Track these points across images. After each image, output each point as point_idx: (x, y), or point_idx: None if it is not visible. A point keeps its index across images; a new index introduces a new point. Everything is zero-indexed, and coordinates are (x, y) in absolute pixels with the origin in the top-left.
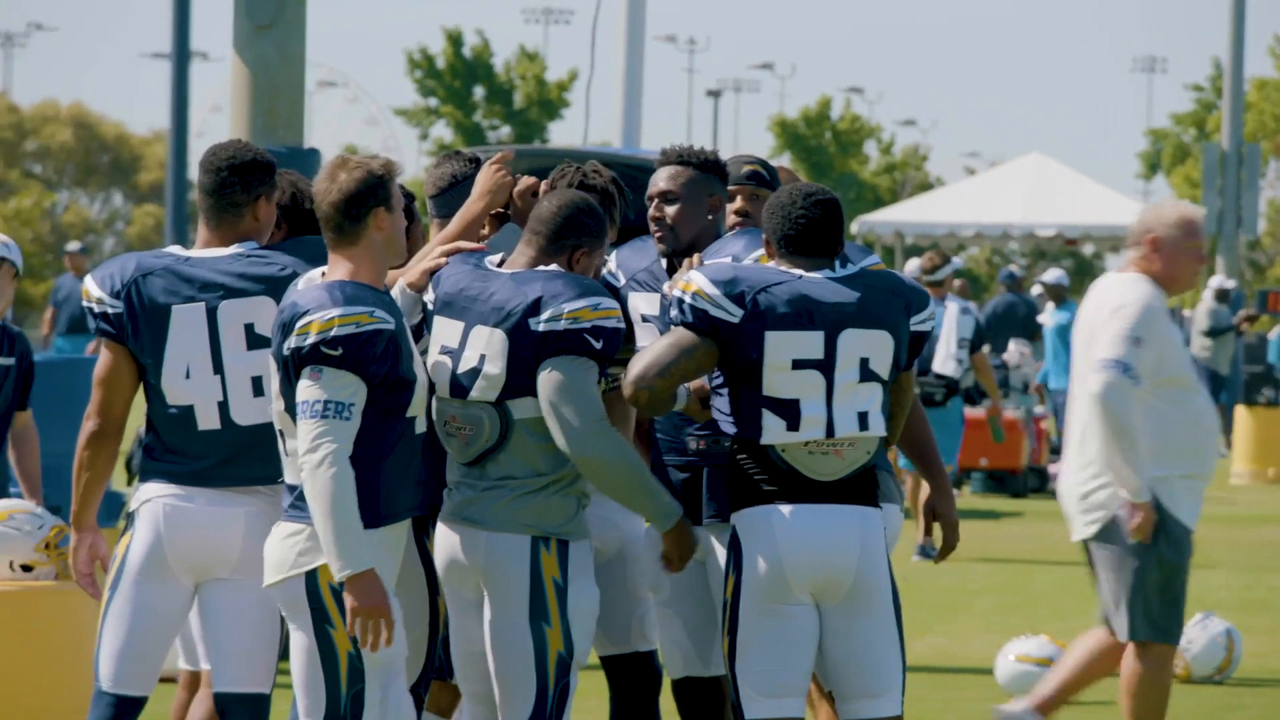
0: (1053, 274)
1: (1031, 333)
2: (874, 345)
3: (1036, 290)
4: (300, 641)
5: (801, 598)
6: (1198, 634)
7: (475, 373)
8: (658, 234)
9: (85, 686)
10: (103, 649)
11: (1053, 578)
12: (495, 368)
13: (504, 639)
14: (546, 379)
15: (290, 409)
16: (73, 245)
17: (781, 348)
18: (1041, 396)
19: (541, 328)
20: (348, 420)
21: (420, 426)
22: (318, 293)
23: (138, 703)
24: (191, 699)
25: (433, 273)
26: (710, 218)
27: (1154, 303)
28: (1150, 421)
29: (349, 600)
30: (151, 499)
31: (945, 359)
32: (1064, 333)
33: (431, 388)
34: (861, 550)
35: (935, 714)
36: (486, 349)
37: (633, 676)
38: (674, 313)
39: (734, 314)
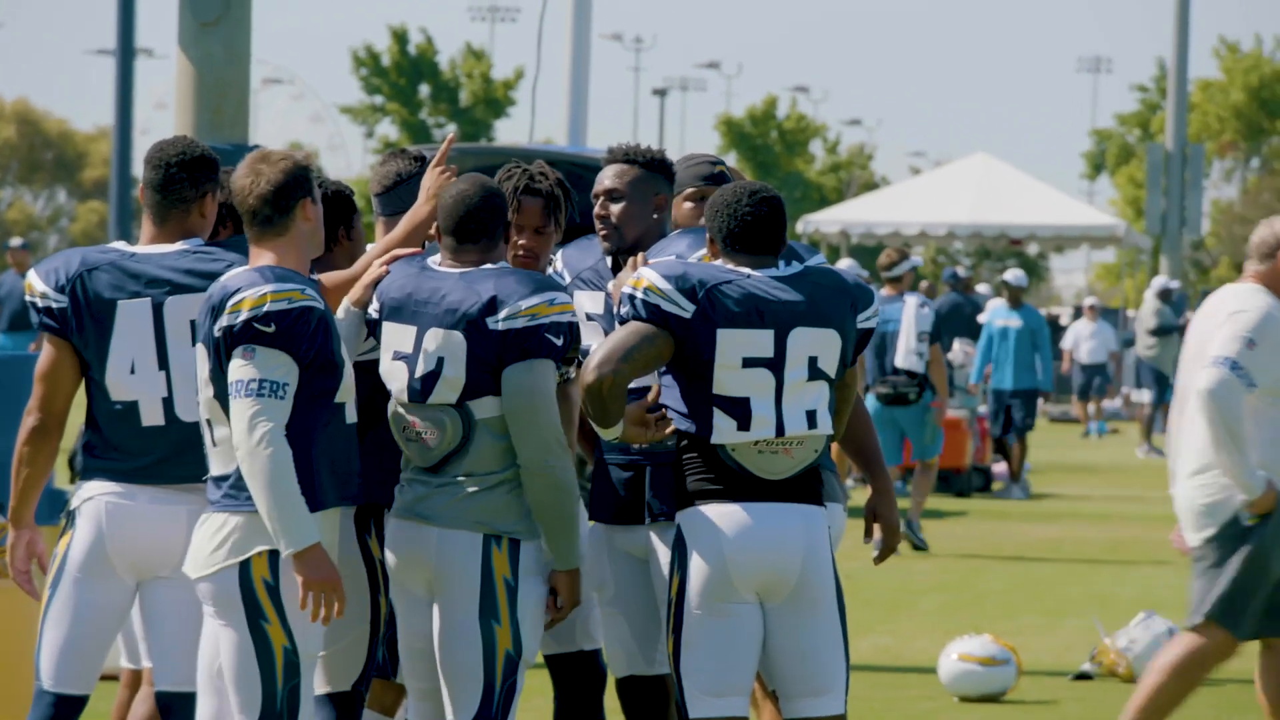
0: (1014, 274)
1: (976, 332)
2: (822, 343)
3: (984, 289)
4: (230, 638)
5: (746, 596)
6: (1140, 633)
7: (434, 376)
8: (603, 232)
9: (27, 685)
10: (43, 647)
11: (997, 577)
12: (454, 370)
13: (453, 636)
14: (514, 388)
15: (220, 395)
16: (15, 241)
17: (732, 346)
18: (983, 396)
19: (500, 326)
20: (282, 400)
21: (350, 416)
22: (247, 274)
23: (79, 701)
24: (133, 697)
25: (376, 283)
26: (655, 216)
27: (1274, 313)
28: (1261, 430)
29: (299, 575)
30: (93, 497)
31: (907, 354)
32: (1019, 336)
33: (384, 393)
34: (806, 549)
35: (878, 713)
36: (444, 351)
37: (577, 675)
38: (625, 309)
39: (686, 309)
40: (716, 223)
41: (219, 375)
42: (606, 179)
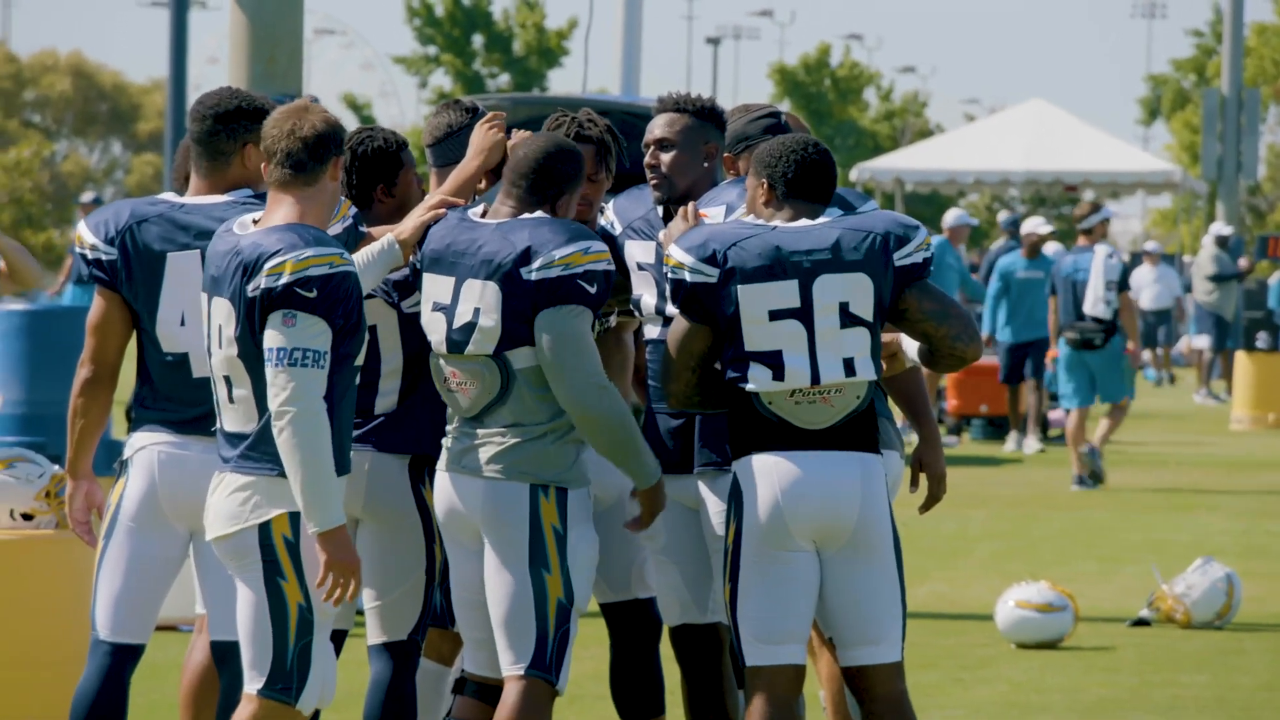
0: (1033, 221)
1: None
2: (852, 289)
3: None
4: (246, 595)
5: (802, 544)
6: (1198, 579)
7: (471, 327)
8: (653, 181)
9: (86, 635)
10: (99, 597)
11: (1052, 524)
12: (490, 320)
13: (504, 586)
14: (546, 333)
15: (245, 355)
16: (86, 196)
17: (755, 300)
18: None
19: (534, 276)
20: (321, 369)
21: (355, 378)
22: (284, 235)
23: (135, 650)
24: None
25: (428, 226)
26: (706, 165)
27: None
28: None
29: (324, 554)
30: (145, 446)
31: (1095, 302)
32: (1040, 286)
33: (425, 345)
34: (863, 497)
35: (935, 660)
36: (480, 302)
37: (633, 624)
38: (668, 291)
39: (711, 274)
40: (761, 173)
41: (246, 336)
42: (657, 128)
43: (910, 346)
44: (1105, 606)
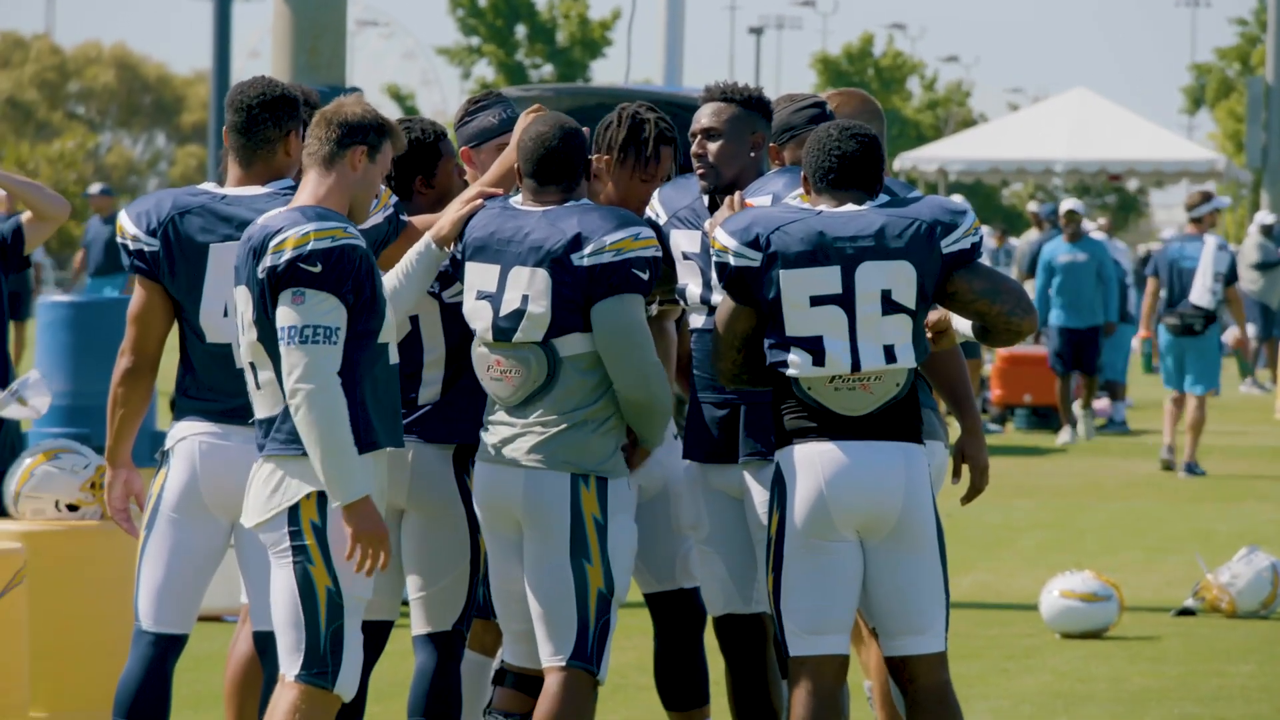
0: (1072, 202)
1: None
2: (895, 276)
3: (1087, 225)
4: (280, 581)
5: (846, 534)
6: (1243, 569)
7: (519, 314)
8: (700, 171)
9: (130, 625)
10: (141, 587)
11: (1097, 514)
12: (539, 307)
13: (544, 577)
14: (605, 323)
15: (264, 338)
16: (94, 187)
17: (797, 285)
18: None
19: (586, 262)
20: (335, 345)
21: (393, 357)
22: (287, 214)
23: (178, 640)
24: None
25: (466, 220)
26: (753, 155)
27: None
28: None
29: (349, 526)
30: (187, 436)
31: (1202, 291)
32: (1083, 270)
33: (467, 334)
34: (907, 486)
35: (980, 650)
36: (529, 289)
37: (677, 613)
38: (715, 277)
39: (754, 258)
40: (809, 161)
41: (263, 318)
42: (704, 117)
43: (962, 324)
44: (1150, 596)
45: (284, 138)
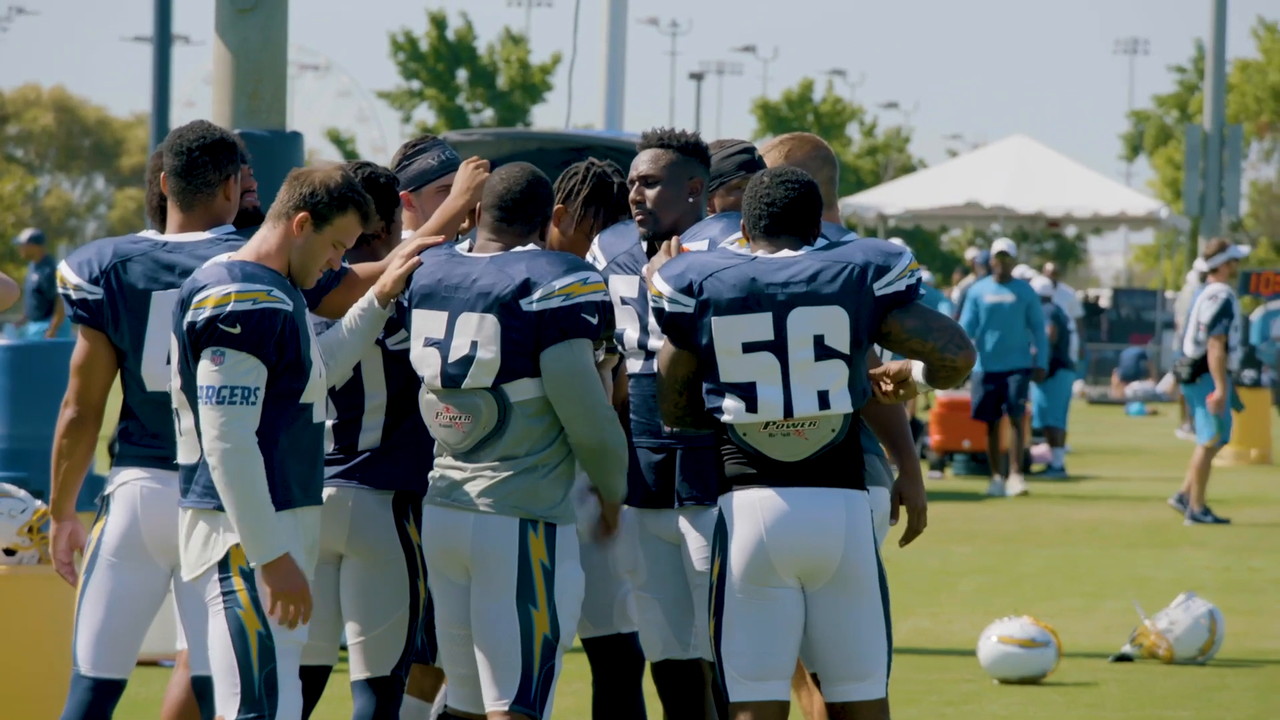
0: (1003, 243)
1: None
2: (827, 321)
3: (1023, 271)
4: (214, 628)
5: (787, 580)
6: (1181, 615)
7: (468, 360)
8: (639, 217)
9: (67, 670)
10: (80, 632)
11: (1036, 559)
12: (489, 353)
13: (490, 621)
14: (555, 369)
15: (186, 387)
16: (23, 235)
17: (729, 332)
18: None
19: (535, 307)
20: (253, 405)
21: (318, 415)
22: (216, 270)
23: (117, 685)
24: None
25: (408, 277)
26: (691, 201)
27: None
28: None
29: (267, 586)
30: (128, 482)
31: (1188, 342)
32: (1011, 311)
33: (417, 381)
34: (848, 533)
35: (918, 696)
36: (477, 335)
37: (615, 658)
38: (652, 322)
39: (688, 305)
40: (745, 209)
41: (186, 369)
42: (642, 164)
43: (918, 370)
44: (1088, 642)
45: (223, 182)
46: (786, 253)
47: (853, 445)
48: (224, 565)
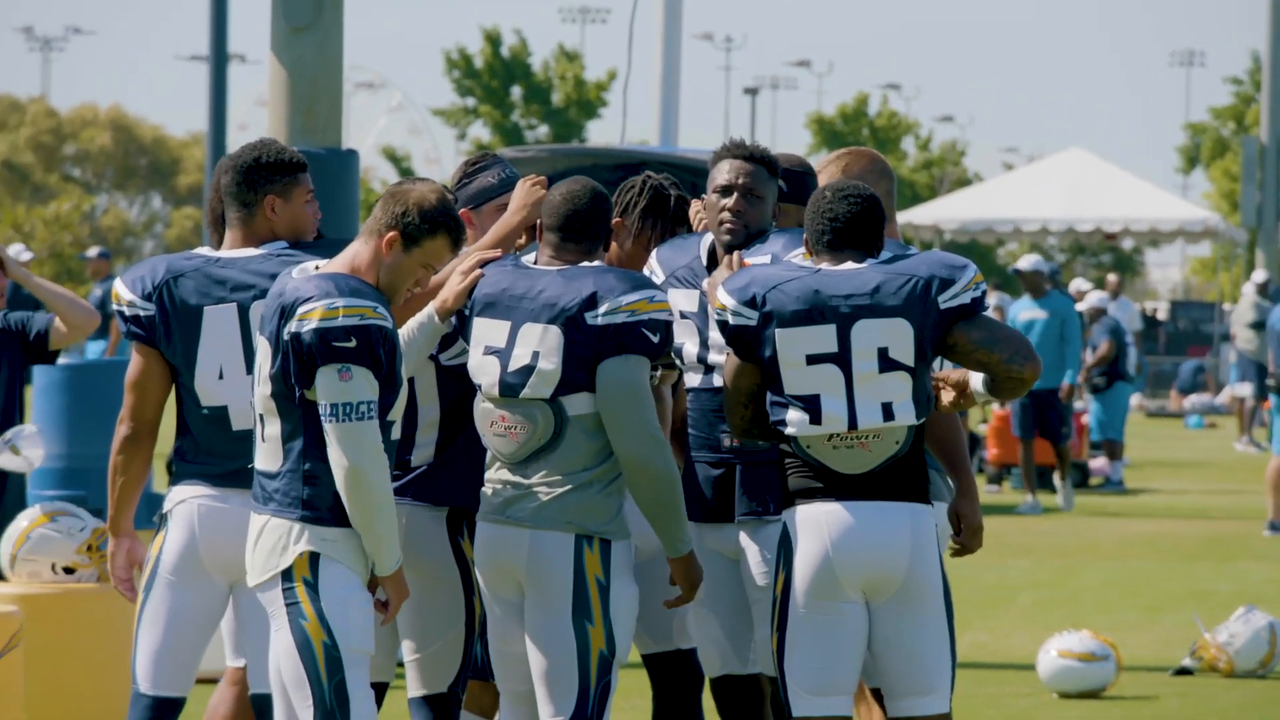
0: (1028, 260)
1: None
2: (891, 334)
3: (1080, 284)
4: (280, 641)
5: (851, 595)
6: (1241, 628)
7: (528, 370)
8: (729, 225)
9: (127, 688)
10: (139, 650)
11: (1094, 573)
12: (550, 364)
13: (546, 638)
14: (607, 382)
15: (277, 394)
16: (92, 251)
17: (793, 344)
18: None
19: (600, 321)
20: (374, 420)
21: (395, 433)
22: (320, 281)
23: (176, 704)
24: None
25: (469, 291)
26: (774, 220)
27: None
28: None
29: (394, 595)
30: (186, 499)
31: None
32: (1045, 329)
33: (471, 395)
34: (913, 548)
35: (978, 711)
36: (540, 346)
37: (675, 674)
38: (714, 336)
39: (751, 317)
40: (807, 225)
41: (280, 376)
42: (741, 176)
43: (977, 381)
44: (1148, 656)
45: (260, 201)
46: (850, 265)
47: (917, 458)
48: (288, 575)
